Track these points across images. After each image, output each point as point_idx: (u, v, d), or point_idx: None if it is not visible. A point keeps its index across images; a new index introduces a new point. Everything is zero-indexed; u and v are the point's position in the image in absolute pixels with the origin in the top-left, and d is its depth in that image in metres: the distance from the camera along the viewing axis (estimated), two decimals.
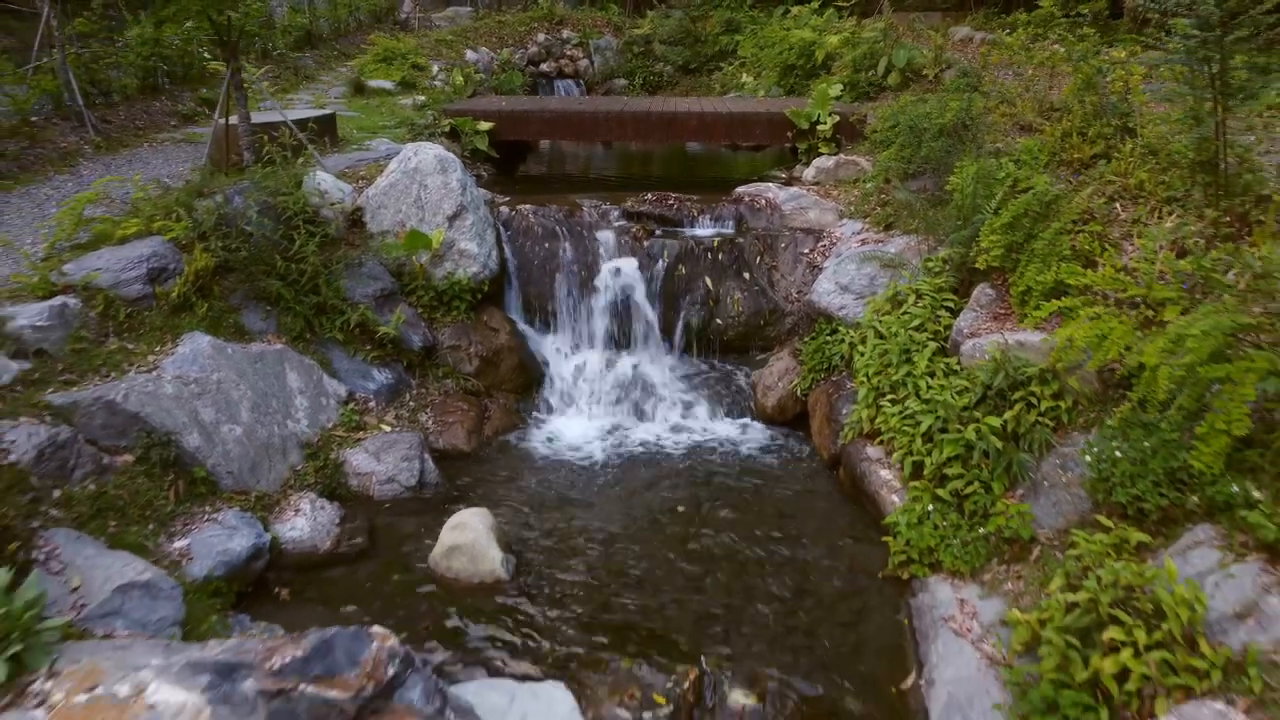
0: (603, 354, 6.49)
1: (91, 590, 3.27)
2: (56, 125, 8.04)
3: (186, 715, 2.34)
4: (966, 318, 5.01)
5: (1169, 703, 2.69)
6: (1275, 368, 3.03)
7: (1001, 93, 7.64)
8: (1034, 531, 3.88)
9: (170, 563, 3.81)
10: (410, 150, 6.40)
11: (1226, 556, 3.05)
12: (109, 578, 3.35)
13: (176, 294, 5.09)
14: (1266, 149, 4.53)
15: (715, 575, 4.33)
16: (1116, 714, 2.85)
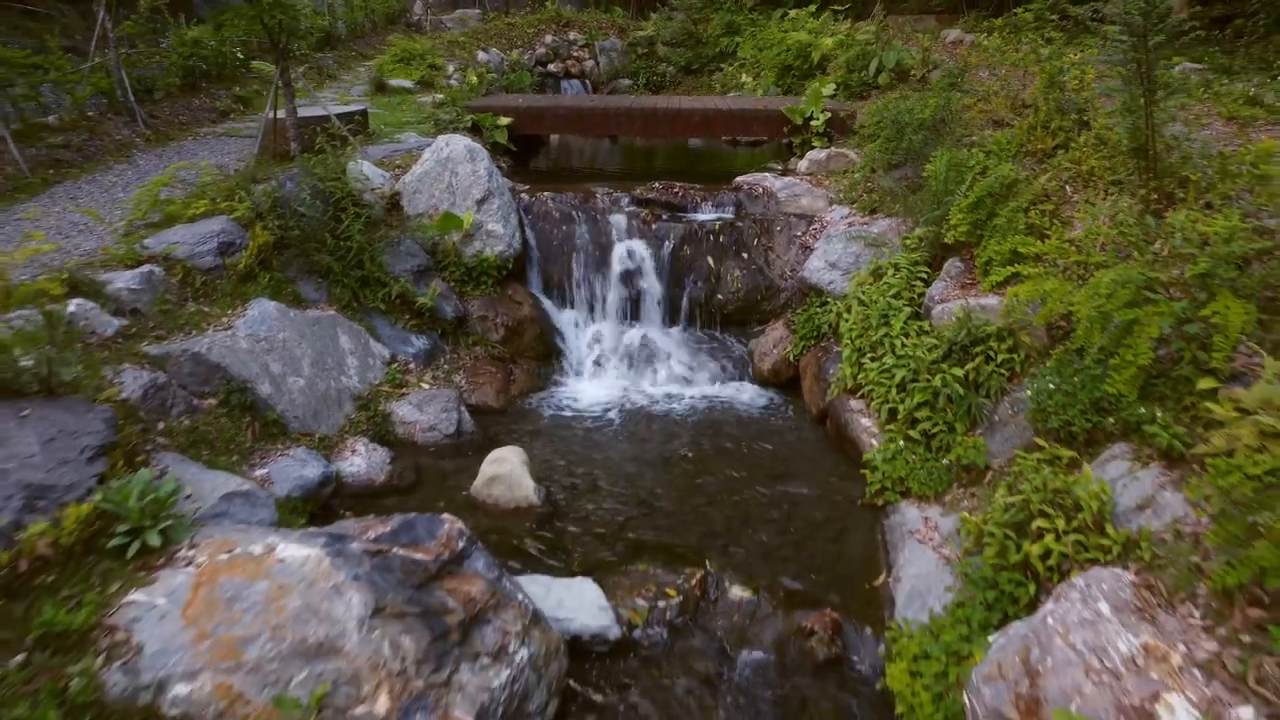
0: (615, 325, 7.18)
1: (202, 496, 3.96)
2: (111, 120, 8.75)
3: (310, 564, 3.04)
4: (938, 286, 5.71)
5: (1080, 570, 3.39)
6: (1174, 313, 3.73)
7: (979, 91, 8.34)
8: (987, 460, 4.58)
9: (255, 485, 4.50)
10: (442, 141, 7.10)
11: (1135, 465, 3.74)
12: (215, 488, 4.04)
13: (243, 265, 5.79)
14: (1195, 137, 5.22)
15: (717, 504, 5.03)
16: (1041, 586, 3.55)
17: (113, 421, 3.86)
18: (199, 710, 2.75)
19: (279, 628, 2.86)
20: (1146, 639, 2.97)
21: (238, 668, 2.80)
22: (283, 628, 2.87)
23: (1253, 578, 2.89)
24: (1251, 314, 3.59)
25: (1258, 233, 4.05)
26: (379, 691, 2.83)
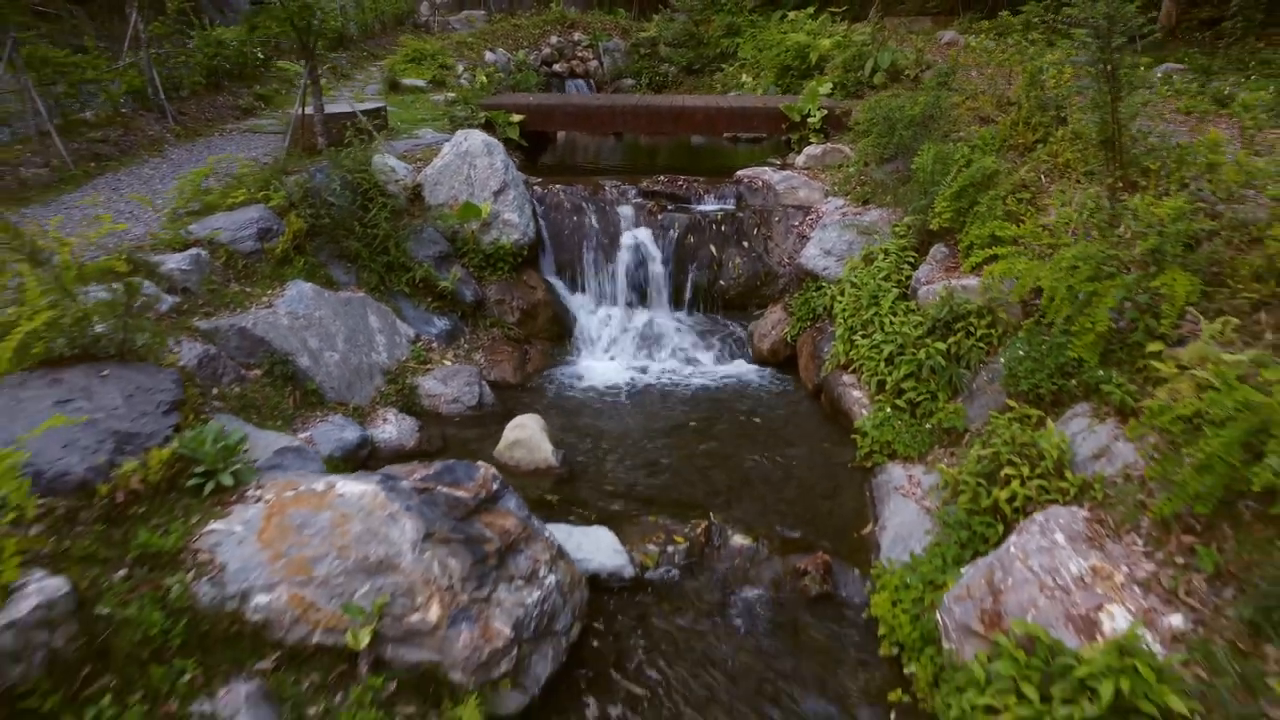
0: (623, 309, 7.64)
1: (257, 451, 4.40)
2: (143, 116, 9.20)
3: (367, 497, 3.49)
4: (924, 270, 6.16)
5: (1040, 509, 3.84)
6: (1127, 285, 4.18)
7: (967, 90, 8.79)
8: (966, 424, 5.04)
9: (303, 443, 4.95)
10: (461, 136, 7.56)
11: (1093, 421, 4.20)
12: (268, 445, 4.49)
13: (280, 250, 6.24)
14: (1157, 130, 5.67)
15: (719, 467, 5.49)
16: (1008, 526, 4.00)
17: (179, 382, 4.33)
18: (277, 616, 3.21)
19: (344, 549, 3.32)
20: (1094, 562, 3.43)
21: (309, 582, 3.26)
22: (347, 549, 3.32)
23: (1185, 506, 3.34)
24: (1196, 285, 4.05)
25: (1207, 215, 4.51)
26: (430, 602, 3.28)
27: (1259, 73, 9.42)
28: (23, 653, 2.70)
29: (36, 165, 7.39)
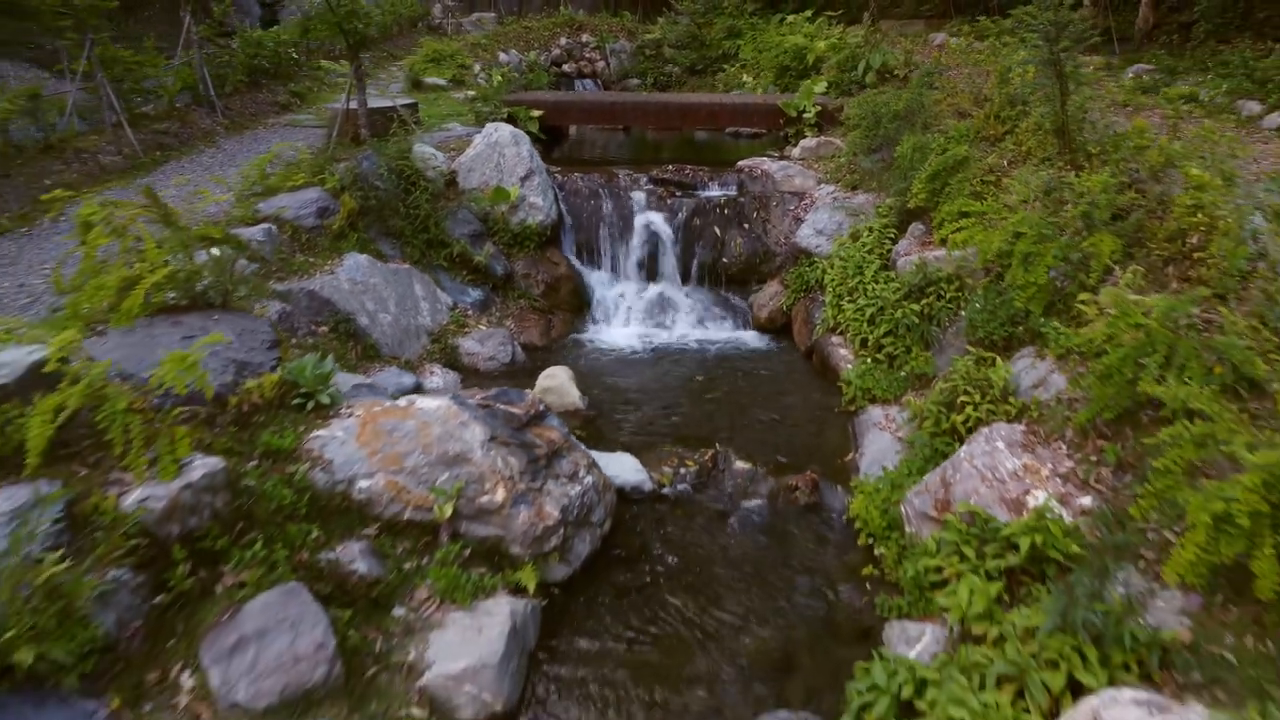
0: (636, 284, 8.49)
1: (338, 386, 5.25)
2: (195, 111, 10.07)
3: (442, 409, 4.35)
4: (902, 244, 7.02)
5: (987, 425, 4.69)
6: (1062, 245, 5.04)
7: (948, 87, 9.65)
8: (934, 370, 5.89)
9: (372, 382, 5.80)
10: (491, 128, 8.42)
11: (1035, 360, 5.05)
12: (345, 381, 5.34)
13: (336, 226, 7.09)
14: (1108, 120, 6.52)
15: (723, 411, 6.34)
16: (962, 441, 4.85)
17: (274, 327, 5.18)
18: (376, 496, 4.06)
19: (427, 446, 4.17)
20: (1026, 461, 4.28)
21: (400, 471, 4.11)
22: (430, 446, 4.18)
23: (1097, 416, 4.20)
24: (1119, 245, 4.90)
25: (1135, 190, 5.37)
26: (497, 488, 4.14)
27: (1216, 73, 10.30)
28: (197, 507, 3.55)
29: (111, 153, 8.25)
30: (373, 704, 3.29)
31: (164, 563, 3.38)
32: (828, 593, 4.36)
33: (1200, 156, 5.16)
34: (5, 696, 2.80)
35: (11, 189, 6.98)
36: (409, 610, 3.75)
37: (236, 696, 3.09)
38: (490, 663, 3.46)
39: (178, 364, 3.61)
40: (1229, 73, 10.09)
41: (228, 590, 3.44)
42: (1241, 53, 10.35)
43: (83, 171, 7.78)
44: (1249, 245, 4.35)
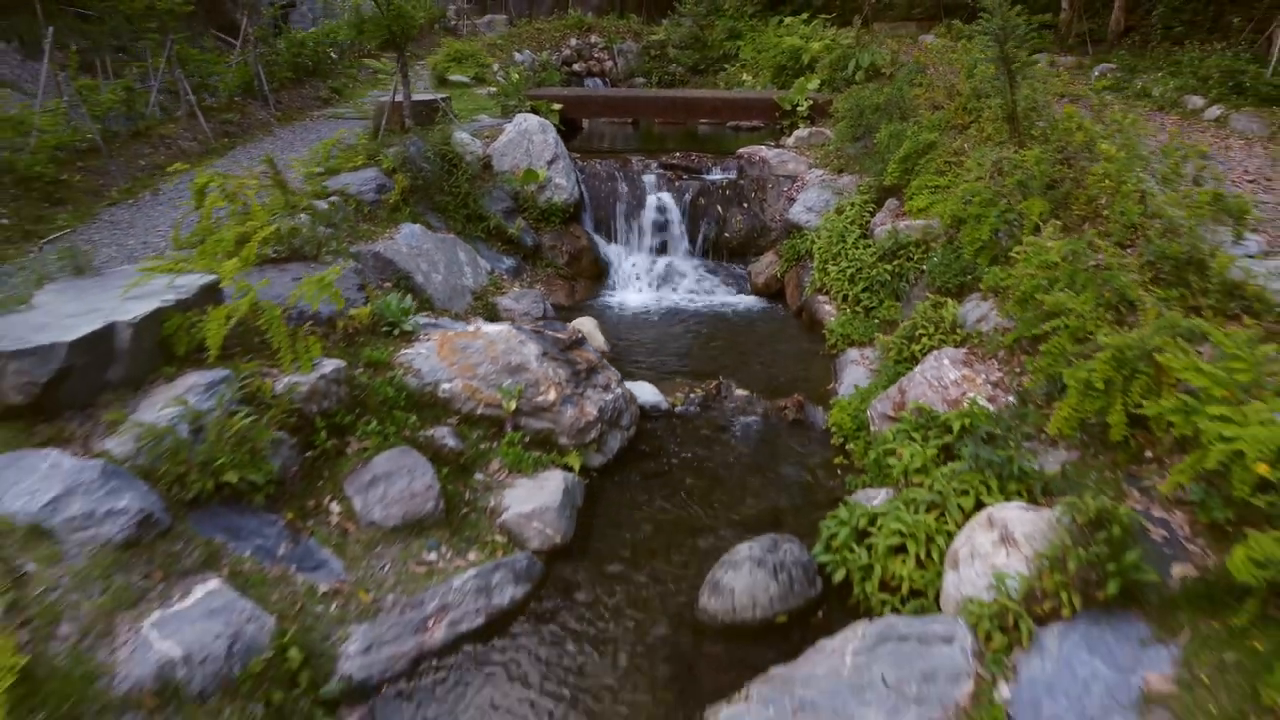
0: (648, 255, 9.64)
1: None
2: (251, 104, 11.22)
3: (504, 332, 5.50)
4: (879, 216, 8.17)
5: (938, 349, 5.83)
6: (1000, 208, 6.18)
7: (927, 83, 10.80)
8: (901, 316, 7.04)
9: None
10: (520, 118, 9.58)
11: (980, 302, 6.19)
12: (417, 320, 6.48)
13: (392, 200, 8.24)
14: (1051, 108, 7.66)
15: (725, 355, 7.49)
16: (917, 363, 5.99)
17: (360, 273, 6.33)
18: (456, 396, 5.21)
19: (494, 358, 5.33)
20: (964, 373, 5.43)
21: (474, 377, 5.27)
22: (496, 358, 5.33)
23: (1020, 337, 5.34)
24: (1048, 207, 6.04)
25: (1064, 164, 6.51)
26: (549, 390, 5.29)
27: (1168, 71, 11.46)
28: (328, 393, 4.70)
29: (188, 139, 9.40)
30: (466, 532, 4.44)
31: (309, 430, 4.53)
32: (808, 477, 5.50)
33: (1114, 136, 6.30)
34: (220, 506, 3.95)
35: (116, 168, 8.13)
36: (486, 476, 4.90)
37: (372, 517, 4.25)
38: (551, 506, 4.61)
39: (315, 285, 4.77)
40: (1178, 71, 11.26)
41: (356, 451, 4.60)
42: (1190, 54, 11.50)
43: (167, 155, 8.93)
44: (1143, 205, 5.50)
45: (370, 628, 3.76)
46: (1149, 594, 3.28)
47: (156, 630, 3.23)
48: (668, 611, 4.21)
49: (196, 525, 3.79)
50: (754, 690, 3.49)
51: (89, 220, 7.16)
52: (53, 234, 6.71)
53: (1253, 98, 9.80)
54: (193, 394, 4.15)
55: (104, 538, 3.45)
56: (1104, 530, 3.40)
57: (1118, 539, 3.33)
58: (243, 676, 3.26)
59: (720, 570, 4.23)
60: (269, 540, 3.94)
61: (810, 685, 3.42)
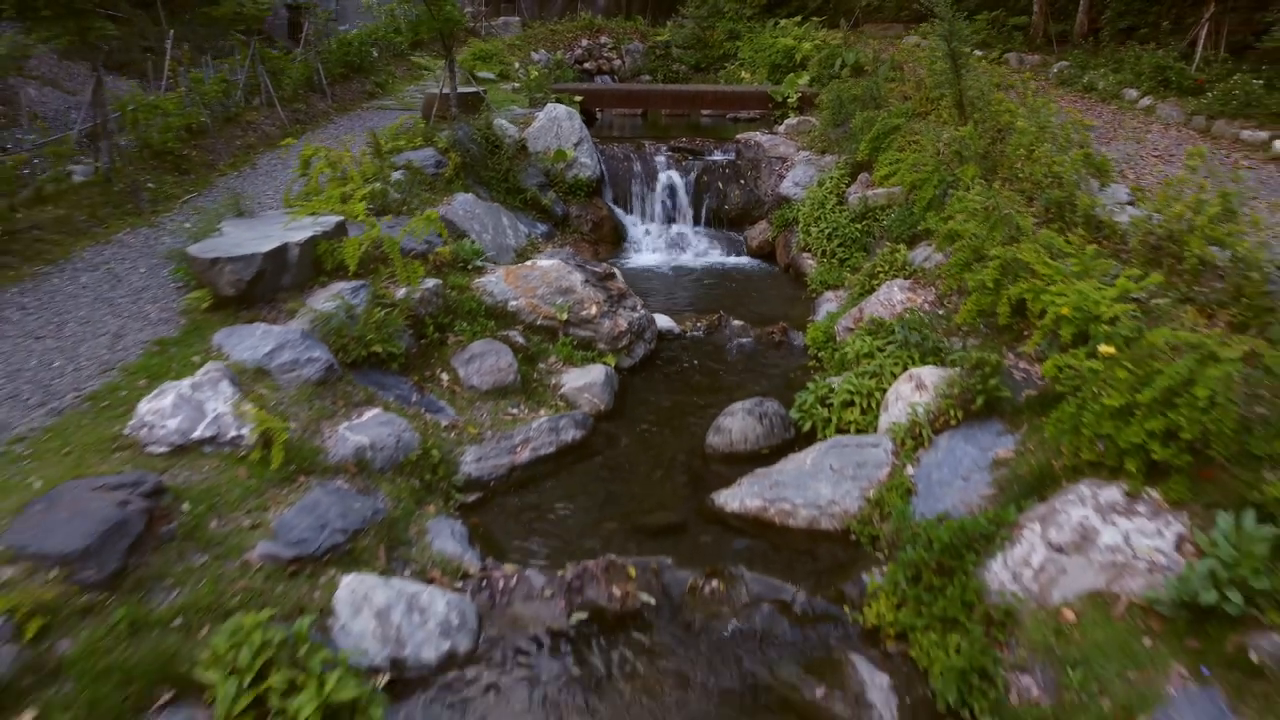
0: (660, 224, 11.30)
1: None
2: (311, 96, 12.88)
3: (555, 264, 7.16)
4: (853, 187, 9.84)
5: (885, 282, 7.48)
6: (942, 174, 7.84)
7: (900, 77, 12.46)
8: (865, 263, 8.70)
9: None
10: (551, 107, 11.25)
11: (927, 247, 7.86)
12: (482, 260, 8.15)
13: (448, 174, 9.90)
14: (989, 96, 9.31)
15: (724, 299, 9.15)
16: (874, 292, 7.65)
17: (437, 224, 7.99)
18: (521, 309, 6.87)
19: (549, 283, 6.99)
20: (909, 295, 7.09)
21: (534, 296, 6.93)
22: (550, 283, 6.99)
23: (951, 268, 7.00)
24: (978, 171, 7.70)
25: (994, 139, 8.17)
26: (591, 306, 6.95)
27: (1109, 68, 13.12)
28: (431, 301, 6.36)
29: (269, 125, 11.07)
30: (537, 397, 6.11)
31: (420, 325, 6.20)
32: (789, 375, 7.16)
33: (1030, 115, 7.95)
34: (369, 369, 5.61)
35: (221, 145, 9.80)
36: (546, 365, 6.57)
37: (472, 383, 5.92)
38: (597, 383, 6.28)
39: (423, 222, 6.45)
40: (1120, 68, 12.92)
41: (454, 342, 6.28)
42: (1130, 53, 13.17)
43: (255, 137, 10.60)
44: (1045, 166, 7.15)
45: (478, 449, 5.43)
46: (1005, 406, 4.94)
47: (349, 430, 4.89)
48: (683, 448, 5.87)
49: (357, 378, 5.46)
50: (743, 481, 5.17)
51: (208, 187, 8.83)
52: (187, 196, 8.39)
53: (1176, 90, 11.47)
54: (343, 294, 5.82)
55: (304, 378, 5.11)
56: (980, 370, 5.06)
57: (987, 373, 4.99)
58: (404, 462, 4.92)
59: (721, 418, 5.89)
60: (404, 392, 5.61)
61: (782, 474, 5.10)
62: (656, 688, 3.75)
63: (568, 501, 5.23)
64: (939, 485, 4.69)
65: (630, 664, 3.88)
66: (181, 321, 5.66)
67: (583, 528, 4.96)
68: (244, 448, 4.40)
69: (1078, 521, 3.90)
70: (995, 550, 4.09)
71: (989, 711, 3.50)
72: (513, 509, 5.12)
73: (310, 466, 4.55)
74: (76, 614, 3.27)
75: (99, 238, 7.11)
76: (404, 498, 4.70)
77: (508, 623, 4.05)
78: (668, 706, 3.66)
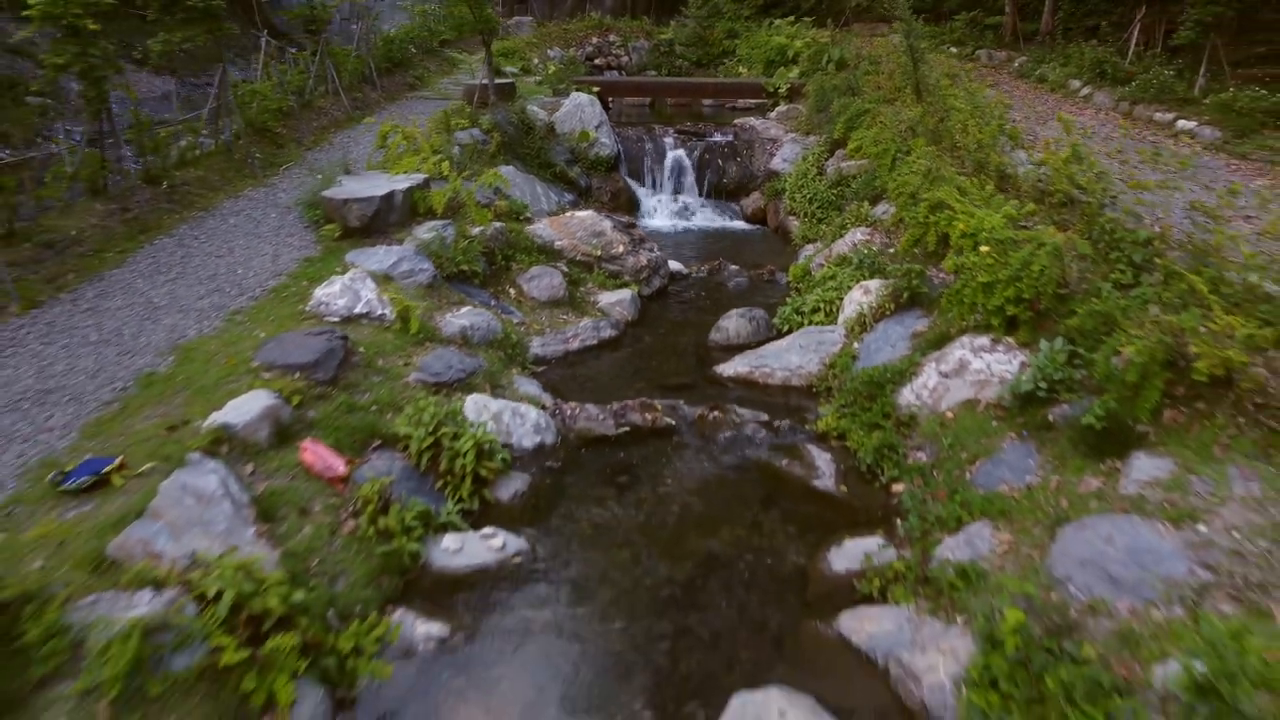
0: (669, 195, 13.23)
1: None
2: (365, 86, 14.80)
3: (589, 215, 9.09)
4: (830, 160, 11.77)
5: (854, 229, 9.40)
6: (898, 144, 9.77)
7: (876, 70, 14.37)
8: (840, 220, 10.63)
9: None
10: (575, 95, 13.19)
11: (886, 204, 9.78)
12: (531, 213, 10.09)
13: (492, 150, 11.82)
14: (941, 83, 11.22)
15: (723, 252, 11.08)
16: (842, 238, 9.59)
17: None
18: (564, 248, 8.80)
19: (585, 228, 8.92)
20: (867, 237, 9.02)
21: (574, 238, 8.86)
22: (586, 228, 8.92)
23: (900, 217, 8.93)
24: (926, 143, 9.62)
25: (941, 118, 10.09)
26: (619, 246, 8.89)
27: (1058, 62, 15.05)
28: (497, 238, 8.30)
29: (336, 111, 12.99)
30: (581, 308, 8.05)
31: (491, 255, 8.13)
32: (773, 301, 9.09)
33: (969, 98, 9.86)
34: (459, 282, 7.54)
35: (303, 125, 11.72)
36: (585, 289, 8.50)
37: (533, 295, 7.86)
38: (625, 300, 8.21)
39: (494, 178, 8.37)
40: (1068, 62, 14.85)
41: (516, 269, 8.21)
42: (1076, 48, 15.10)
43: (327, 120, 12.53)
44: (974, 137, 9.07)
45: (541, 339, 7.36)
46: (924, 299, 6.87)
47: (453, 318, 6.82)
48: (691, 343, 7.82)
49: (452, 287, 7.39)
50: (736, 357, 7.10)
51: (299, 159, 10.76)
52: (284, 165, 10.32)
53: (1110, 80, 13.39)
54: (436, 229, 7.75)
55: (418, 281, 7.04)
56: (908, 276, 6.98)
57: (913, 277, 6.91)
58: (493, 341, 6.85)
59: (721, 320, 7.84)
60: (485, 299, 7.54)
61: (765, 352, 7.04)
62: (677, 465, 5.69)
63: (609, 372, 7.17)
64: (875, 351, 6.62)
65: (658, 456, 5.81)
66: (319, 246, 7.60)
67: (621, 386, 6.89)
68: (388, 321, 6.33)
69: (959, 358, 5.83)
70: (906, 381, 6.03)
71: (893, 467, 5.44)
72: (570, 376, 7.06)
73: (432, 337, 6.49)
74: (315, 397, 5.21)
75: (230, 193, 9.04)
76: (495, 362, 6.62)
77: (575, 432, 5.99)
78: (684, 474, 5.60)
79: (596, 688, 3.81)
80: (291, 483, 4.54)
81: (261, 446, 4.66)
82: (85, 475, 4.13)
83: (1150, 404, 4.59)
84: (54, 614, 3.10)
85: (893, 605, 4.10)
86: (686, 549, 4.76)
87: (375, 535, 4.37)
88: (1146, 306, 5.16)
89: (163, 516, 3.90)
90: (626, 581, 4.49)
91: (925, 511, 4.82)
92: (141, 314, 6.16)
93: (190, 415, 4.77)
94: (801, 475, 5.53)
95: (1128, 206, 6.20)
